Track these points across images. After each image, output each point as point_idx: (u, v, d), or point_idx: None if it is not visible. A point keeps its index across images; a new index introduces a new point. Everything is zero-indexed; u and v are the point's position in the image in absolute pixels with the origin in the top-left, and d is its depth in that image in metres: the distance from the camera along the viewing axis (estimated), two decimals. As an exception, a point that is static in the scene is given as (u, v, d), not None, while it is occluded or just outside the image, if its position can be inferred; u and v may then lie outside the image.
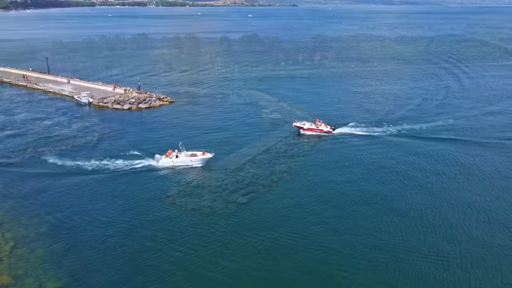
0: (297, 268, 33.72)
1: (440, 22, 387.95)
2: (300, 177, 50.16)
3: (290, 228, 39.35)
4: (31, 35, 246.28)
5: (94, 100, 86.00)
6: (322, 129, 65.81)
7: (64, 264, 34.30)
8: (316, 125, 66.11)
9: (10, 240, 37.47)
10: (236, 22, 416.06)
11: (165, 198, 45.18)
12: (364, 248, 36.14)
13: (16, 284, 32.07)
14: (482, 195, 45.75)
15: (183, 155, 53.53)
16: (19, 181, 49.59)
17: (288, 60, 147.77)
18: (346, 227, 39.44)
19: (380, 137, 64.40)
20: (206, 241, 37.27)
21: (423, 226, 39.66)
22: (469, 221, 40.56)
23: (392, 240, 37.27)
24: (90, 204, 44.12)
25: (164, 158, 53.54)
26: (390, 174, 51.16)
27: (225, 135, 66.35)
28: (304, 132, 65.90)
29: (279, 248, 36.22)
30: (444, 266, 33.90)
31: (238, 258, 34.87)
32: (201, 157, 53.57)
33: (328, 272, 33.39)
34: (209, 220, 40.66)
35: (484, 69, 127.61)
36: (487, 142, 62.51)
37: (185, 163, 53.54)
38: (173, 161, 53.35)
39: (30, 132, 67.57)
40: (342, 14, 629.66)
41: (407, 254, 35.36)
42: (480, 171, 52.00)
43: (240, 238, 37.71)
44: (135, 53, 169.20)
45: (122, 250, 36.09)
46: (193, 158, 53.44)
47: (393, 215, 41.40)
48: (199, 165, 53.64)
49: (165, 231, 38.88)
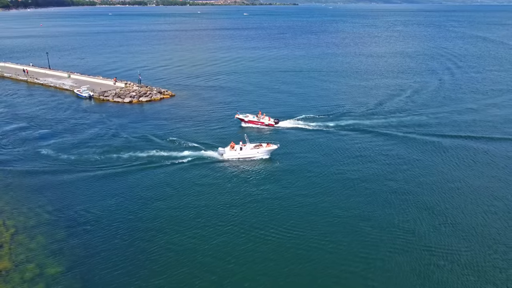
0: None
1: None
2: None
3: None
4: (32, 32, 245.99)
5: (95, 93, 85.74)
6: (263, 122, 65.15)
7: (65, 250, 33.99)
8: (258, 117, 65.60)
9: (11, 227, 37.24)
10: (229, 20, 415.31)
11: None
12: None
13: (17, 270, 31.76)
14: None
15: (248, 147, 52.61)
16: (28, 175, 49.34)
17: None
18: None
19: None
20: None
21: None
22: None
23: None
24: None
25: (229, 151, 52.27)
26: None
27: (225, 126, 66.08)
28: (246, 125, 65.58)
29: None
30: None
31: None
32: (267, 149, 52.53)
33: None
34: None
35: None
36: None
37: (251, 155, 52.36)
38: (239, 153, 52.19)
39: (33, 123, 67.46)
40: (345, 13, 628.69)
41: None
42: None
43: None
44: (136, 48, 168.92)
45: (131, 241, 35.78)
46: (259, 149, 52.35)
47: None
48: (266, 156, 52.54)
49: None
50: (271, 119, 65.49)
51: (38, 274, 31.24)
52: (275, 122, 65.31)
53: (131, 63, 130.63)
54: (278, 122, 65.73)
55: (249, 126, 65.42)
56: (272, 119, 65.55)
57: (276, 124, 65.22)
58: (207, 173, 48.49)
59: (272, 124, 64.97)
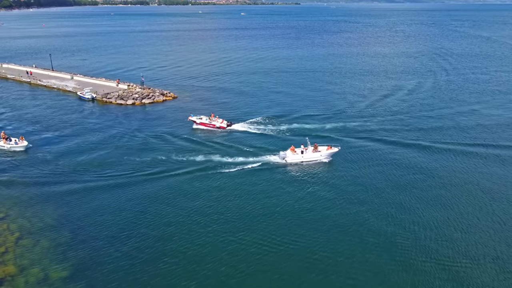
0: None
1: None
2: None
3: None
4: (35, 33, 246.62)
5: (98, 95, 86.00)
6: (214, 124, 65.32)
7: (70, 255, 34.17)
8: (210, 119, 65.84)
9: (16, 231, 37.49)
10: (230, 20, 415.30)
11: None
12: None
13: (21, 275, 31.97)
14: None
15: (310, 150, 52.42)
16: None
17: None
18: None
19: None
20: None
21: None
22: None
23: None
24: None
25: (292, 154, 51.95)
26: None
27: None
28: (197, 126, 65.97)
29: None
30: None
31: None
32: (330, 151, 52.36)
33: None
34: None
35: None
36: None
37: (315, 158, 52.09)
38: (303, 157, 51.92)
39: (36, 126, 67.83)
40: (348, 12, 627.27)
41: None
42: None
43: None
44: (137, 49, 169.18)
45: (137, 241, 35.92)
46: (322, 152, 52.11)
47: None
48: (328, 159, 52.35)
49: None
50: (224, 121, 65.88)
51: (43, 279, 31.44)
52: (228, 125, 65.55)
53: (133, 63, 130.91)
54: (231, 125, 65.97)
55: (200, 128, 65.69)
56: (225, 121, 65.93)
57: (228, 126, 65.44)
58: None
59: (224, 127, 65.15)
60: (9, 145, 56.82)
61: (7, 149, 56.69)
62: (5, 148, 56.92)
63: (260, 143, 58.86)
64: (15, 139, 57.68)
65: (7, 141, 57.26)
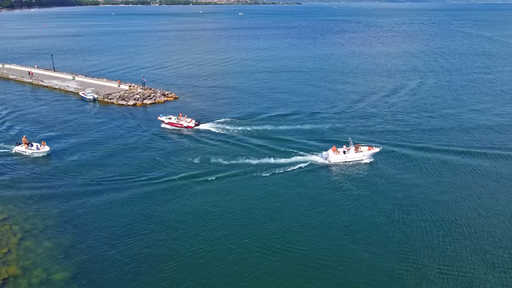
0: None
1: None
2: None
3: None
4: (36, 33, 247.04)
5: (99, 96, 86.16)
6: (182, 124, 65.66)
7: (73, 256, 34.29)
8: (178, 119, 66.15)
9: (18, 232, 37.59)
10: (231, 20, 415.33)
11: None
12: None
13: (24, 275, 32.11)
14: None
15: (352, 150, 52.45)
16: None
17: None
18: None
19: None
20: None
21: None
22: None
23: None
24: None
25: (335, 155, 52.01)
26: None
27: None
28: (165, 126, 66.51)
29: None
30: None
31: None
32: (371, 152, 52.39)
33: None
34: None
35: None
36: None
37: (358, 158, 52.16)
38: (346, 157, 51.99)
39: (38, 127, 68.09)
40: (351, 12, 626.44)
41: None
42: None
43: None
44: (138, 49, 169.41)
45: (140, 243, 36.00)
46: (365, 152, 52.19)
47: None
48: (370, 160, 52.39)
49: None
50: (192, 120, 66.26)
51: (45, 280, 31.58)
52: (196, 124, 65.97)
53: (135, 64, 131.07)
54: (198, 124, 66.43)
55: (168, 128, 66.13)
56: (193, 121, 66.30)
57: (196, 126, 65.87)
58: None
59: (191, 126, 65.58)
60: (31, 150, 55.18)
61: (29, 155, 55.15)
62: (26, 153, 55.26)
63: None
64: (36, 144, 56.08)
65: (28, 146, 55.72)
